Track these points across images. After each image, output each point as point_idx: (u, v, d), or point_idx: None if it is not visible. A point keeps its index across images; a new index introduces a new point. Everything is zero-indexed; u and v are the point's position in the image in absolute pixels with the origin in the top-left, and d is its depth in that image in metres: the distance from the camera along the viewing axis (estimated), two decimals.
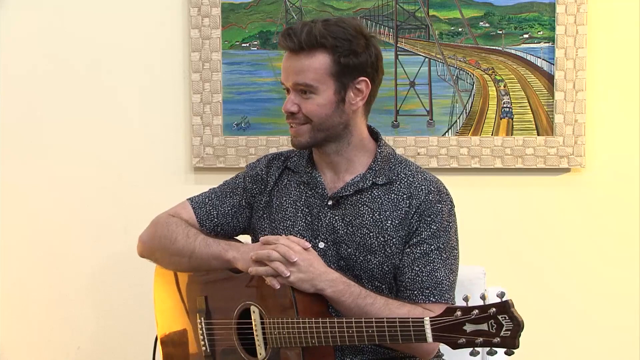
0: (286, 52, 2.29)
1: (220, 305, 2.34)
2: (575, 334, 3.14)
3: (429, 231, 2.27)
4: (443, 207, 2.29)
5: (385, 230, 2.28)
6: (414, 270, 2.26)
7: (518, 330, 1.95)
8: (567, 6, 3.05)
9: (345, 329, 2.10)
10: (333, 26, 2.26)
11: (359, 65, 2.26)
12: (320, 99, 2.26)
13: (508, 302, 1.96)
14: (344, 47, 2.24)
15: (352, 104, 2.29)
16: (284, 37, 2.26)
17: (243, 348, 2.29)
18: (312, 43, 2.24)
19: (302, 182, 2.37)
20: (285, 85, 2.31)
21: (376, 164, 2.33)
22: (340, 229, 2.29)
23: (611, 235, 3.12)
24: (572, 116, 3.07)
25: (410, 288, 2.25)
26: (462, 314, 1.98)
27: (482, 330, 1.97)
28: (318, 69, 2.25)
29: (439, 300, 2.24)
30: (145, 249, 2.45)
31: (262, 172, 2.42)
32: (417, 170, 2.35)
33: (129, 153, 3.26)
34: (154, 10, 3.22)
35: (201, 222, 2.41)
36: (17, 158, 3.29)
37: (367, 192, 2.31)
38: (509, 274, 3.04)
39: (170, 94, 3.23)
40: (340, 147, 2.32)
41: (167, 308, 2.48)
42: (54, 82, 3.26)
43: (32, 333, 3.33)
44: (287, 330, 2.16)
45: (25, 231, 3.31)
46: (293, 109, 2.28)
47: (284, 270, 2.17)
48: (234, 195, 2.43)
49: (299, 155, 2.42)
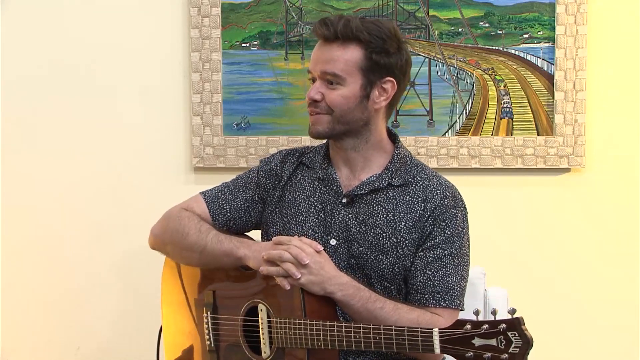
0: (319, 41, 2.30)
1: (228, 301, 2.34)
2: (575, 333, 3.14)
3: (443, 236, 2.27)
4: (457, 212, 2.29)
5: (398, 232, 2.28)
6: (426, 274, 2.25)
7: (527, 348, 1.94)
8: (567, 6, 3.05)
9: (352, 334, 2.10)
10: (369, 23, 2.27)
11: (388, 65, 2.27)
12: (345, 90, 2.27)
13: (519, 319, 1.95)
14: (377, 44, 2.25)
15: (376, 102, 2.29)
16: (321, 25, 2.27)
17: (248, 345, 2.29)
18: (348, 35, 2.24)
19: (317, 178, 2.36)
20: (312, 73, 2.31)
21: (393, 165, 2.33)
22: (353, 227, 2.29)
23: (611, 235, 3.12)
24: (572, 116, 3.08)
25: (422, 291, 2.25)
26: (472, 327, 1.97)
27: (490, 345, 1.95)
28: (349, 61, 2.25)
29: (449, 305, 2.24)
30: (156, 242, 2.44)
31: (277, 167, 2.42)
32: (433, 175, 2.34)
33: (129, 153, 3.26)
34: (154, 10, 3.22)
35: (214, 216, 2.41)
36: (17, 158, 3.29)
37: (383, 192, 2.31)
38: (509, 274, 3.04)
39: (170, 94, 3.23)
40: (357, 143, 2.32)
41: (174, 300, 2.47)
42: (53, 82, 3.26)
43: (32, 333, 3.33)
44: (293, 330, 2.16)
45: (26, 231, 3.31)
46: (317, 97, 2.28)
47: (295, 272, 2.16)
48: (247, 189, 2.43)
49: (314, 152, 2.42)
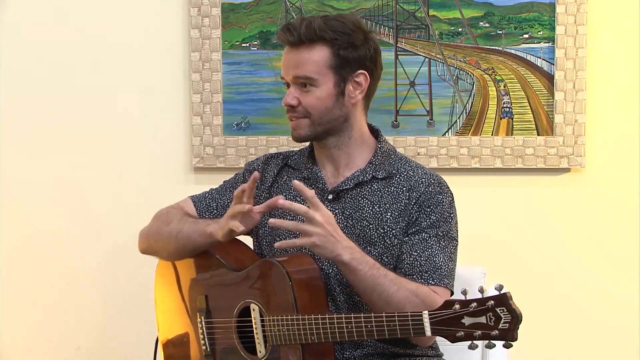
0: (286, 47, 2.31)
1: (221, 304, 2.34)
2: (575, 333, 3.14)
3: (429, 221, 2.28)
4: (444, 198, 2.30)
5: (385, 222, 2.29)
6: (412, 255, 2.26)
7: (516, 322, 1.95)
8: (567, 6, 3.05)
9: (344, 325, 2.10)
10: (332, 20, 2.29)
11: (357, 59, 2.28)
12: (319, 92, 2.28)
13: (506, 294, 1.96)
14: (342, 40, 2.27)
15: (352, 97, 2.30)
16: (284, 32, 2.29)
17: (243, 346, 2.29)
18: (312, 36, 2.26)
19: (303, 177, 2.37)
20: (285, 79, 2.33)
21: (376, 159, 2.34)
22: (340, 222, 2.29)
23: (611, 235, 3.12)
24: (572, 116, 3.07)
25: (409, 273, 2.25)
26: (461, 307, 1.97)
27: (480, 323, 1.96)
28: (318, 62, 2.26)
29: (437, 283, 2.24)
30: (142, 240, 2.49)
31: (259, 168, 2.43)
32: (418, 166, 2.36)
33: (129, 153, 3.26)
34: (154, 10, 3.22)
35: (201, 214, 2.44)
36: (18, 157, 3.29)
37: (367, 185, 2.32)
38: (509, 274, 3.03)
39: (170, 94, 3.23)
40: (340, 141, 2.34)
41: (168, 308, 2.48)
42: (53, 82, 3.26)
43: (32, 333, 3.33)
44: (286, 327, 2.17)
45: (26, 231, 3.31)
46: (293, 102, 2.30)
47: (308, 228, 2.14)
48: (233, 190, 2.42)
49: (299, 154, 2.44)
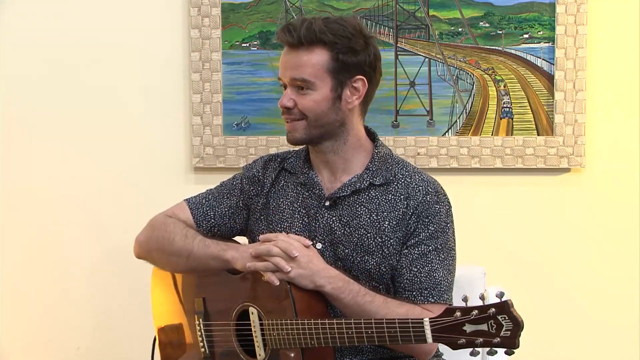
0: (285, 48, 2.29)
1: (219, 307, 2.33)
2: (575, 333, 3.14)
3: (427, 232, 2.26)
4: (441, 208, 2.29)
5: (382, 231, 2.27)
6: (412, 271, 2.25)
7: (518, 330, 1.95)
8: (567, 6, 3.05)
9: (344, 330, 2.09)
10: (333, 23, 2.26)
11: (356, 64, 2.26)
12: (316, 95, 2.26)
13: (507, 302, 1.96)
14: (342, 44, 2.24)
15: (349, 102, 2.28)
16: (284, 32, 2.26)
17: (242, 349, 2.28)
18: (312, 38, 2.23)
19: (299, 183, 2.36)
20: (282, 80, 2.30)
21: (373, 164, 2.32)
22: (337, 229, 2.29)
23: (611, 235, 3.12)
24: (572, 116, 3.07)
25: (409, 289, 2.25)
26: (462, 314, 1.97)
27: (482, 330, 1.96)
28: (316, 65, 2.24)
29: (437, 300, 2.23)
30: (142, 250, 2.43)
31: (259, 174, 2.41)
32: (415, 171, 2.34)
33: (129, 153, 3.26)
34: (154, 10, 3.22)
35: (198, 222, 2.40)
36: (17, 158, 3.28)
37: (364, 192, 2.30)
38: (509, 274, 3.05)
39: (170, 94, 3.23)
40: (336, 145, 2.31)
41: (165, 310, 2.47)
42: (53, 82, 3.26)
43: (32, 333, 3.33)
44: (286, 331, 2.15)
45: (25, 231, 3.31)
46: (289, 104, 2.28)
47: (284, 265, 2.16)
48: (231, 196, 2.42)
49: (295, 157, 2.42)
